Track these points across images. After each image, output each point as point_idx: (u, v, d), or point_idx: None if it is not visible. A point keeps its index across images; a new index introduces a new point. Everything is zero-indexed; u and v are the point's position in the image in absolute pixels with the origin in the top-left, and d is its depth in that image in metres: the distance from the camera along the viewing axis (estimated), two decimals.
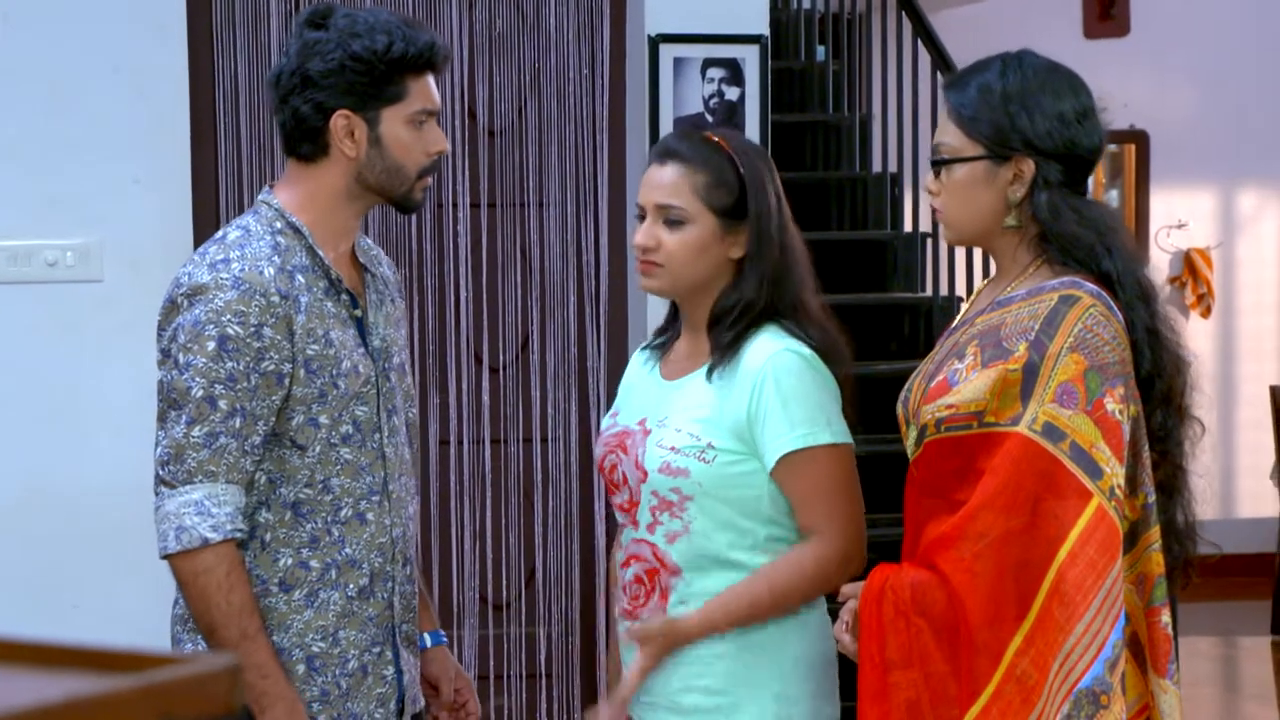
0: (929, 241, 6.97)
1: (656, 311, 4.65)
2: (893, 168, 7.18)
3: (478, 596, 5.27)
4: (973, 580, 2.60)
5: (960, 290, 6.70)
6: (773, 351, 2.93)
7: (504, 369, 5.29)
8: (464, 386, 5.25)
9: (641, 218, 3.02)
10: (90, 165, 4.84)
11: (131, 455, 4.78)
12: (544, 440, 5.29)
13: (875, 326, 6.73)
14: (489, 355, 5.28)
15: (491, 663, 5.26)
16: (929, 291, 6.87)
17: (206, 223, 4.98)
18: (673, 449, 2.94)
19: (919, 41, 6.87)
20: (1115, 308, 2.67)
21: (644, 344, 3.21)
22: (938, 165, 2.80)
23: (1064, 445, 2.59)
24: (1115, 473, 2.59)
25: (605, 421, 3.13)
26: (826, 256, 6.74)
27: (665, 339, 3.15)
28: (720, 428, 2.93)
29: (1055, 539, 2.58)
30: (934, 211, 2.85)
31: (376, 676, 2.99)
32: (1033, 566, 2.58)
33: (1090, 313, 2.64)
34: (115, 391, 4.83)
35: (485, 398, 5.27)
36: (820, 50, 7.78)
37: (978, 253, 6.49)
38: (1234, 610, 8.43)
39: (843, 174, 7.35)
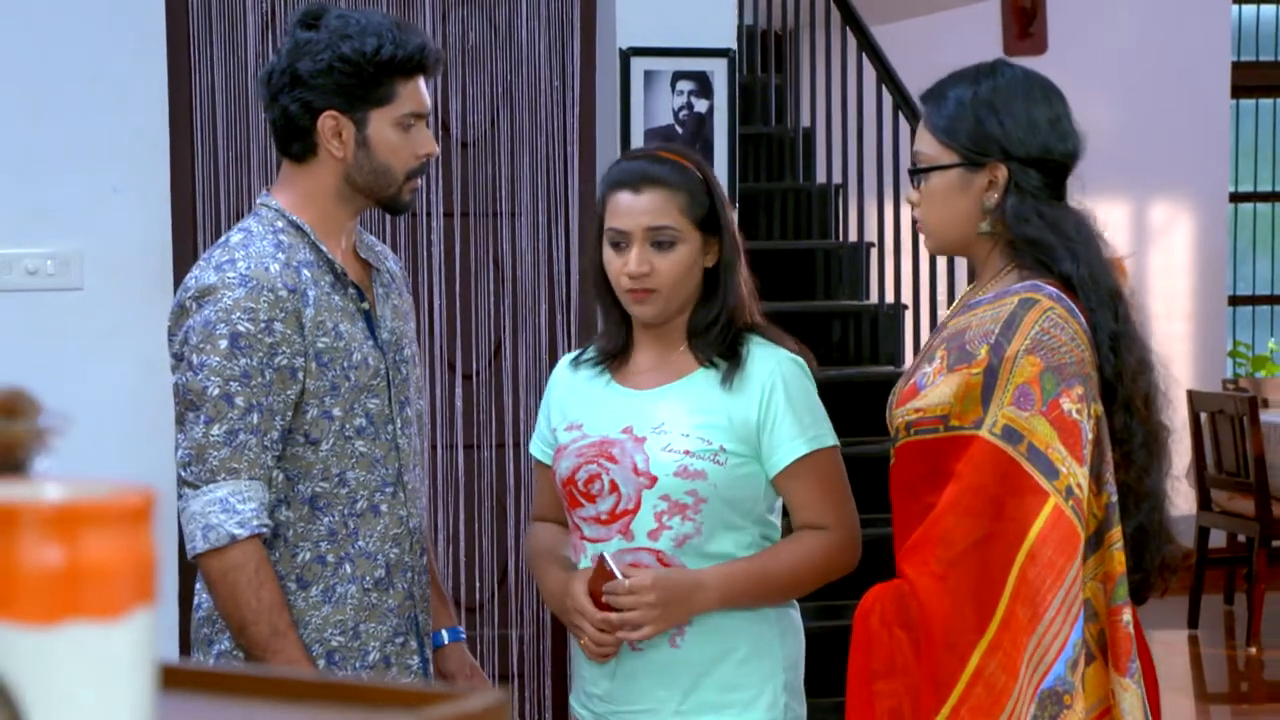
0: (872, 250, 6.95)
1: None
2: (837, 179, 7.15)
3: (451, 599, 5.18)
4: (937, 584, 2.56)
5: (906, 298, 6.68)
6: (778, 359, 2.92)
7: (476, 376, 5.21)
8: (437, 393, 5.17)
9: (616, 244, 2.92)
10: (70, 174, 4.73)
11: (111, 461, 4.66)
12: (515, 445, 5.21)
13: (820, 332, 6.70)
14: (462, 362, 5.20)
15: None
16: (874, 299, 6.85)
17: (185, 231, 4.88)
18: (686, 453, 2.87)
19: (863, 55, 6.84)
20: (1076, 310, 2.63)
21: (572, 357, 3.08)
22: (915, 174, 2.76)
23: (1021, 447, 2.55)
24: (1072, 472, 2.54)
25: (565, 435, 2.99)
26: (773, 265, 6.78)
27: (602, 353, 3.03)
28: (727, 432, 2.89)
29: (1015, 540, 2.54)
30: (914, 221, 2.80)
31: (401, 667, 2.92)
32: (995, 569, 2.54)
33: (1048, 315, 2.60)
34: (95, 398, 4.70)
35: (458, 404, 5.19)
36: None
37: (923, 262, 6.47)
38: (1152, 606, 8.43)
39: (786, 185, 7.32)
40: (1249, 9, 9.98)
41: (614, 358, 3.02)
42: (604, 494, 2.91)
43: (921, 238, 2.85)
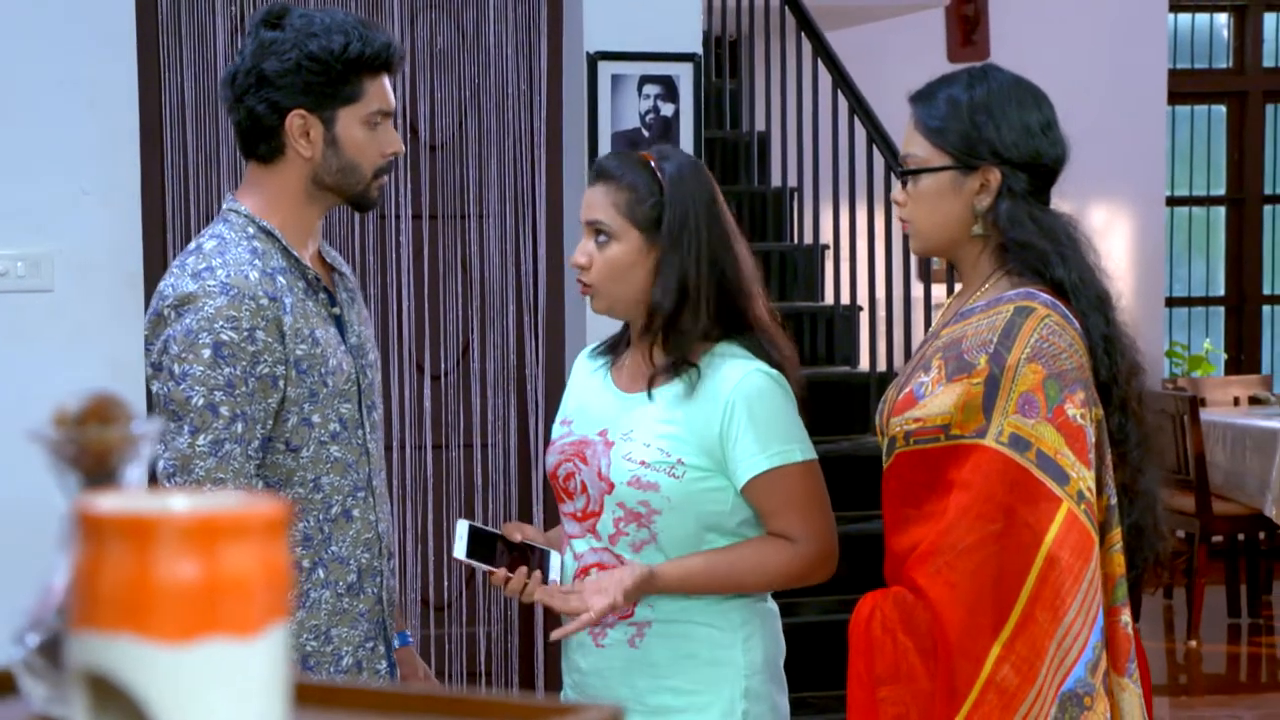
0: (826, 252, 6.93)
1: (595, 320, 4.56)
2: (792, 182, 7.13)
3: (419, 598, 5.13)
4: (950, 592, 2.53)
5: (861, 299, 6.66)
6: (744, 372, 2.83)
7: (445, 376, 5.16)
8: (406, 394, 5.11)
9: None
10: (41, 177, 4.64)
11: None
12: (484, 446, 5.16)
13: None
14: (430, 363, 5.14)
15: (433, 663, 5.12)
16: (829, 300, 6.83)
17: (155, 233, 4.81)
18: (642, 463, 2.83)
19: (818, 60, 6.82)
20: (1070, 316, 2.61)
21: (593, 346, 3.08)
22: (905, 175, 2.71)
23: (1030, 454, 2.53)
24: (1082, 476, 2.53)
25: (557, 430, 3.00)
26: None
27: (614, 346, 3.02)
28: (689, 444, 2.83)
29: (1030, 546, 2.51)
30: (901, 221, 2.76)
31: (371, 671, 2.86)
32: (1010, 575, 2.51)
33: (1045, 323, 2.57)
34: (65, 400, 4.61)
35: (427, 404, 5.13)
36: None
37: (878, 264, 6.45)
38: None
39: (741, 188, 7.29)
40: (1184, 18, 10.04)
41: (617, 352, 3.00)
42: (578, 493, 2.90)
43: (909, 238, 2.80)
